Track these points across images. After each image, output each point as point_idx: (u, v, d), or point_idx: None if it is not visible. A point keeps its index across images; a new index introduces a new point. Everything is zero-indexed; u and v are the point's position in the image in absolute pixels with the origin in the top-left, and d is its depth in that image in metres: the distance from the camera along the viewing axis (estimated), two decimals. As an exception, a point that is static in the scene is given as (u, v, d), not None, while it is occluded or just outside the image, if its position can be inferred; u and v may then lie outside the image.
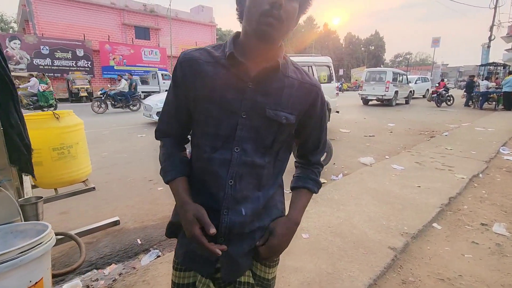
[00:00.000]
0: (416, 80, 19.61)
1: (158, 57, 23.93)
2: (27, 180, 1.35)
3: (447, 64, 58.97)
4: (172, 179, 0.76)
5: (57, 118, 1.50)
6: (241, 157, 0.72)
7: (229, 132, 0.71)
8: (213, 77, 0.71)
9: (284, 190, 0.92)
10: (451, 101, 14.05)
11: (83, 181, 1.79)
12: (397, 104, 14.65)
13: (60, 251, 2.20)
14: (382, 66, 49.14)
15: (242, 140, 0.71)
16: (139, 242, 2.41)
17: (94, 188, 1.69)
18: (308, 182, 0.87)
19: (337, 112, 8.01)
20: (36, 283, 0.58)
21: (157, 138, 0.84)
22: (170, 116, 0.80)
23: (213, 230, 0.68)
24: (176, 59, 0.85)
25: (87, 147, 1.80)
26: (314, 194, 0.88)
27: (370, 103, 15.12)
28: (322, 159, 0.91)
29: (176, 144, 0.82)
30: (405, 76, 15.46)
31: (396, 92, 14.03)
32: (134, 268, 2.09)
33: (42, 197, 1.14)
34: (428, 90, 19.37)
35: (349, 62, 50.23)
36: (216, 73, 0.71)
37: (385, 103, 14.30)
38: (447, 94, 13.83)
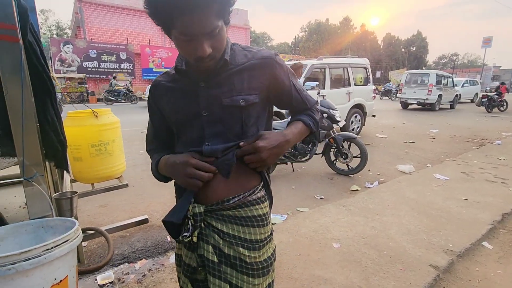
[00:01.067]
0: (464, 83, 18.08)
1: (194, 59, 24.73)
2: (67, 175, 1.43)
3: (500, 66, 53.66)
4: (159, 158, 0.84)
5: (96, 116, 1.58)
6: (211, 148, 0.76)
7: (200, 133, 0.77)
8: (172, 91, 0.80)
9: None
10: (505, 107, 12.73)
11: (117, 178, 1.85)
12: (440, 109, 13.62)
13: (97, 242, 2.32)
14: (424, 68, 46.20)
15: (211, 135, 0.76)
16: (169, 239, 2.46)
17: (127, 185, 1.75)
18: (302, 116, 0.90)
19: (373, 116, 7.64)
20: (60, 281, 0.58)
21: (147, 152, 0.96)
22: (151, 136, 0.92)
23: (209, 159, 0.74)
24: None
25: (122, 145, 1.87)
26: (344, 207, 0.85)
27: (410, 107, 14.23)
28: (313, 101, 0.95)
29: (161, 151, 0.90)
30: (451, 79, 14.32)
31: (440, 96, 13.04)
32: (163, 265, 2.12)
33: (77, 192, 1.19)
34: (477, 94, 17.77)
35: (388, 64, 47.87)
36: (173, 87, 0.80)
37: (427, 107, 13.35)
38: (500, 99, 12.56)
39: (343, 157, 4.00)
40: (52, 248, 0.58)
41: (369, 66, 7.02)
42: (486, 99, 12.60)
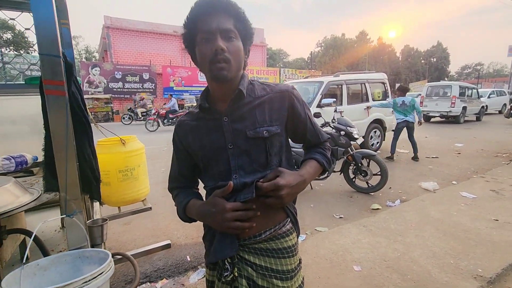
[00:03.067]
0: (490, 94, 17.31)
1: (213, 77, 25.49)
2: (96, 202, 1.54)
3: (529, 75, 51.07)
4: (187, 202, 0.87)
5: (123, 143, 1.70)
6: (240, 180, 0.80)
7: (226, 165, 0.81)
8: (197, 129, 0.85)
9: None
10: (537, 118, 12.03)
11: (142, 201, 1.95)
12: (466, 121, 13.08)
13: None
14: (446, 79, 44.84)
15: (238, 167, 0.80)
16: (188, 259, 2.50)
17: (150, 208, 1.84)
18: (315, 154, 0.92)
19: (393, 130, 7.47)
20: (98, 308, 0.65)
21: (169, 191, 0.98)
22: (176, 173, 0.94)
23: (230, 184, 0.76)
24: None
25: (146, 169, 1.98)
26: (365, 227, 0.88)
27: (432, 120, 13.78)
28: (326, 137, 0.98)
29: (185, 191, 0.94)
30: (475, 90, 13.80)
31: (464, 108, 12.56)
32: (183, 285, 2.16)
33: (107, 220, 1.28)
34: (505, 104, 16.93)
35: (407, 76, 46.95)
36: (198, 125, 0.85)
37: (450, 120, 12.88)
38: (531, 109, 11.90)
39: (362, 174, 3.93)
40: (89, 280, 0.65)
41: (387, 80, 6.95)
42: (515, 110, 11.98)
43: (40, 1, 0.73)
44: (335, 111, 4.52)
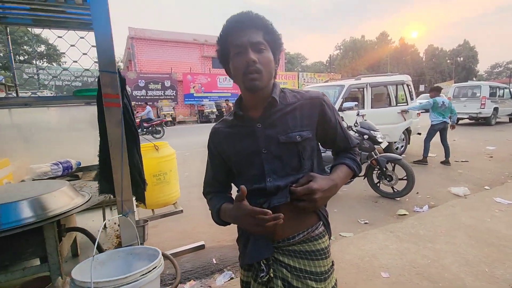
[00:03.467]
0: (524, 94, 16.32)
1: (231, 83, 25.85)
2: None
3: None
4: (219, 206, 0.91)
5: (157, 149, 1.80)
6: (273, 184, 0.84)
7: (260, 169, 0.85)
8: (231, 135, 0.90)
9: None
10: None
11: (173, 204, 2.04)
12: (497, 123, 12.38)
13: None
14: (474, 79, 42.76)
15: (271, 171, 0.84)
16: (215, 261, 2.56)
17: (182, 210, 1.92)
18: (345, 159, 0.94)
19: (419, 134, 7.22)
20: (151, 300, 0.71)
21: (204, 195, 1.03)
22: (211, 178, 0.99)
23: (267, 210, 0.75)
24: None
25: (177, 174, 2.07)
26: (392, 233, 0.88)
27: (460, 122, 13.17)
28: (356, 142, 1.00)
29: (219, 196, 0.98)
30: (507, 90, 13.06)
31: (496, 109, 11.90)
32: (210, 286, 2.22)
33: (148, 221, 1.36)
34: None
35: (432, 77, 45.20)
36: (232, 132, 0.90)
37: (481, 121, 12.24)
38: None
39: (387, 179, 3.85)
40: (145, 274, 0.71)
41: (411, 82, 6.75)
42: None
43: (101, 24, 0.82)
44: (358, 114, 4.47)
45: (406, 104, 6.49)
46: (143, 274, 0.71)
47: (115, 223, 1.41)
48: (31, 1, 1.32)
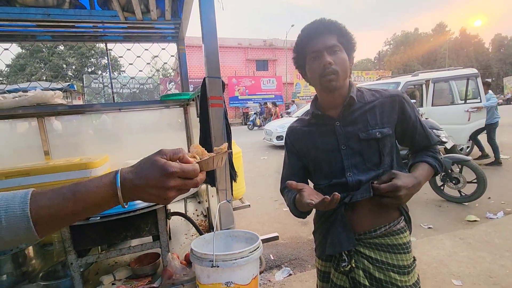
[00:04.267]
0: None
1: (275, 85, 26.02)
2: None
3: None
4: (294, 196, 0.93)
5: (228, 147, 1.95)
6: (354, 178, 0.87)
7: (339, 166, 0.89)
8: (309, 134, 0.96)
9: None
10: None
11: (239, 199, 2.18)
12: None
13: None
14: (556, 69, 36.79)
15: (352, 166, 0.88)
16: (272, 257, 2.65)
17: (249, 205, 2.04)
18: (426, 157, 0.94)
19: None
20: (255, 276, 0.81)
21: (281, 192, 1.06)
22: (288, 174, 1.03)
23: (336, 195, 0.72)
24: (291, 85, 1.08)
25: (243, 171, 2.20)
26: (461, 240, 0.88)
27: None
28: (436, 139, 0.98)
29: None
30: None
31: None
32: (270, 281, 2.31)
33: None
34: None
35: (501, 69, 40.03)
36: (310, 130, 0.96)
37: None
38: None
39: (454, 182, 3.55)
40: (252, 252, 0.82)
41: (479, 77, 5.98)
42: None
43: (210, 38, 0.97)
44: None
45: (478, 101, 5.70)
46: (251, 251, 0.82)
47: (193, 214, 1.57)
48: (128, 21, 1.56)
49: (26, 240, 0.42)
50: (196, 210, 1.74)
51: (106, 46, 2.03)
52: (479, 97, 5.66)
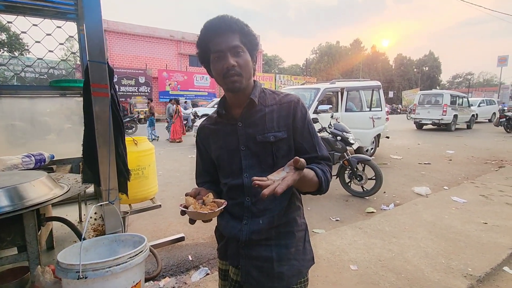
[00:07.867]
0: (480, 103, 17.84)
1: (208, 82, 25.62)
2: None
3: (518, 85, 52.33)
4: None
5: (135, 143, 1.78)
6: (250, 179, 0.82)
7: (238, 165, 0.91)
8: (215, 132, 0.96)
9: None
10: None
11: (151, 199, 2.02)
12: (457, 129, 13.42)
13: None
14: (438, 87, 45.86)
15: (248, 167, 0.90)
16: (190, 258, 2.56)
17: (160, 205, 1.91)
18: (315, 168, 0.86)
19: (387, 137, 7.66)
20: (136, 284, 0.72)
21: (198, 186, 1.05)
22: (201, 169, 1.05)
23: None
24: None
25: (155, 169, 2.05)
26: (360, 229, 0.97)
27: (424, 127, 14.11)
28: (326, 155, 0.95)
29: (211, 185, 1.02)
30: (466, 99, 14.21)
31: (456, 116, 12.91)
32: (185, 283, 2.22)
33: (128, 212, 1.36)
34: (494, 113, 17.44)
35: (400, 84, 47.82)
36: (216, 129, 0.96)
37: (442, 127, 13.21)
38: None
39: (358, 179, 4.06)
40: (133, 257, 0.73)
41: (381, 89, 7.13)
42: (504, 119, 12.35)
43: (91, 13, 0.82)
44: (332, 117, 4.66)
45: (379, 109, 6.86)
46: (130, 257, 0.73)
47: (91, 217, 1.38)
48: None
49: None
50: (96, 213, 1.54)
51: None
52: (380, 107, 6.68)
